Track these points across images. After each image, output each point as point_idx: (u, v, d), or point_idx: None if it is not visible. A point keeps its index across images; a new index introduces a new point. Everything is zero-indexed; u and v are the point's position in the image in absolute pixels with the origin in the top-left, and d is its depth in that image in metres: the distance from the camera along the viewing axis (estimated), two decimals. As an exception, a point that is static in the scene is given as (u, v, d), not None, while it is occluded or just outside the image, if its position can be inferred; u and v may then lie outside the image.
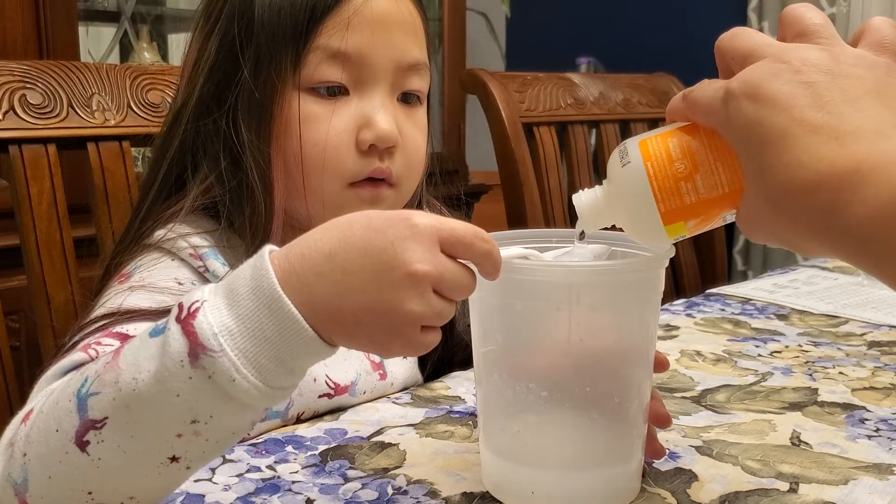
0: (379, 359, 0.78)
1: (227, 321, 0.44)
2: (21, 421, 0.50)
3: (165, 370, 0.44)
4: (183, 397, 0.44)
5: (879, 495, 0.57)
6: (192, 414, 0.45)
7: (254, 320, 0.44)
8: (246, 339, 0.44)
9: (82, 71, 0.88)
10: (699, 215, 0.49)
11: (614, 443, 0.56)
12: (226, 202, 0.70)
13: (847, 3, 2.54)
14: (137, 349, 0.46)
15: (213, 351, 0.44)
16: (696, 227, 0.50)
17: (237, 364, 0.44)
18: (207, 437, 0.46)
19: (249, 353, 0.44)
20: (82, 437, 0.46)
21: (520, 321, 0.54)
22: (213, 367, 0.44)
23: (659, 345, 0.92)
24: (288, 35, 0.68)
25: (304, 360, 0.46)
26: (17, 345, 1.13)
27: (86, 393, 0.47)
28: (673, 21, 2.92)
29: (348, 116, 0.69)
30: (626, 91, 1.49)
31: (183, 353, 0.44)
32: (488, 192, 2.26)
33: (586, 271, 0.54)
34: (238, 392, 0.44)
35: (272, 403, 0.47)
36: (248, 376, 0.44)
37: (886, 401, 0.75)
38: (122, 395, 0.45)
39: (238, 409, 0.45)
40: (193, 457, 0.47)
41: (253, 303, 0.45)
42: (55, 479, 0.47)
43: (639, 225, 0.52)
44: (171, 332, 0.45)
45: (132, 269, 0.68)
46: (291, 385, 0.47)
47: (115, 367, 0.46)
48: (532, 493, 0.55)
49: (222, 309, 0.45)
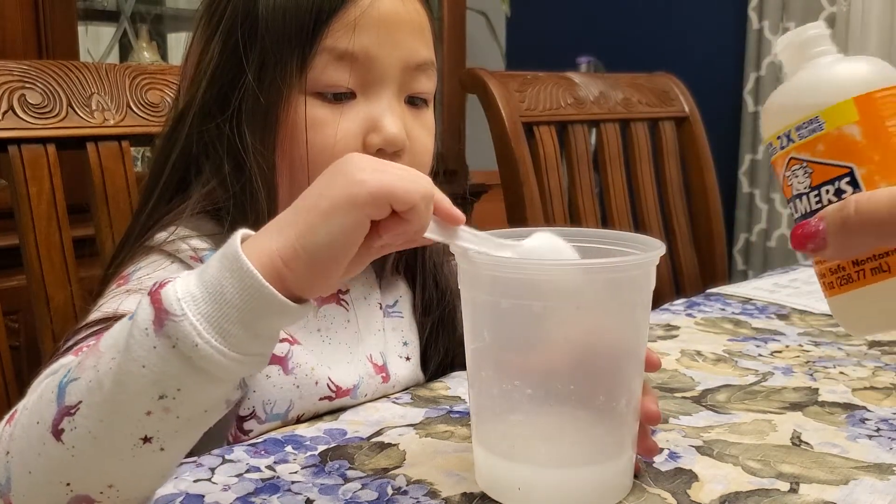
0: (382, 361, 0.78)
1: (192, 289, 0.45)
2: (6, 422, 0.50)
3: (132, 339, 0.45)
4: (149, 368, 0.44)
5: (880, 495, 0.57)
6: (160, 388, 0.45)
7: (216, 284, 0.45)
8: (208, 304, 0.45)
9: (82, 71, 0.88)
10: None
11: (602, 440, 0.56)
12: (229, 207, 0.69)
13: (847, 3, 2.54)
14: (117, 331, 0.47)
15: (175, 315, 0.44)
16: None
17: (199, 328, 0.44)
18: (178, 413, 0.46)
19: (212, 317, 0.44)
20: (58, 425, 0.46)
21: (506, 319, 0.55)
22: (175, 333, 0.44)
23: (659, 344, 0.92)
24: (293, 38, 0.67)
25: (268, 322, 0.46)
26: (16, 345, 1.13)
27: (66, 381, 0.47)
28: (673, 21, 2.92)
29: (355, 120, 0.68)
30: (627, 91, 1.49)
31: (148, 320, 0.45)
32: (488, 191, 2.26)
33: (573, 269, 0.54)
34: (202, 359, 0.44)
35: (240, 373, 0.47)
36: (211, 340, 0.44)
37: (887, 401, 0.75)
38: (98, 375, 0.46)
39: (206, 381, 0.45)
40: (166, 436, 0.47)
41: (217, 269, 0.46)
42: (35, 474, 0.48)
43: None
44: (142, 304, 0.46)
45: (131, 271, 0.68)
46: (258, 353, 0.47)
47: (95, 351, 0.47)
48: (519, 490, 0.55)
49: (191, 279, 0.46)
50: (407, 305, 0.82)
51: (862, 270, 0.45)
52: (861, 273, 0.45)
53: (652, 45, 2.92)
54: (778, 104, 0.48)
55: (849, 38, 2.53)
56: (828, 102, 0.44)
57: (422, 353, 0.82)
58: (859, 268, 0.45)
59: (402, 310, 0.82)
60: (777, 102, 0.48)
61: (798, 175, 0.46)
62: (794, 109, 0.45)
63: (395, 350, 0.79)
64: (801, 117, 0.45)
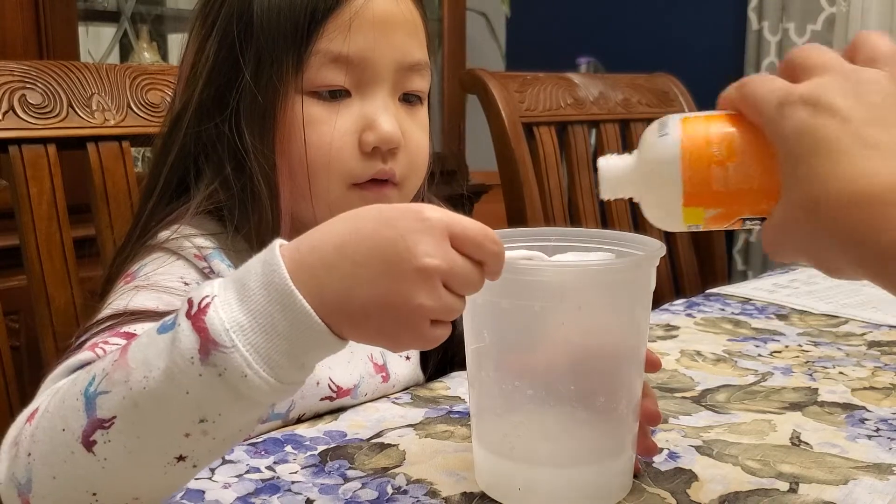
0: (382, 361, 0.78)
1: (239, 316, 0.44)
2: (26, 420, 0.50)
3: (175, 367, 0.44)
4: (192, 395, 0.44)
5: (879, 495, 0.57)
6: (201, 412, 0.44)
7: (265, 315, 0.44)
8: (257, 335, 0.44)
9: (82, 71, 0.88)
10: (721, 206, 0.49)
11: (602, 440, 0.56)
12: (231, 207, 0.69)
13: (847, 3, 2.54)
14: (146, 346, 0.46)
15: (224, 347, 0.43)
16: (713, 222, 0.50)
17: (249, 360, 0.43)
18: (215, 435, 0.46)
19: (261, 348, 0.44)
20: (89, 436, 0.46)
21: (506, 319, 0.55)
22: (224, 364, 0.43)
23: (659, 345, 0.92)
24: (288, 38, 0.67)
25: (314, 355, 0.46)
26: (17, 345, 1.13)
27: (94, 392, 0.46)
28: (673, 21, 2.92)
29: (351, 119, 0.69)
30: (626, 91, 1.49)
31: (193, 349, 0.44)
32: (488, 191, 2.26)
33: (573, 270, 0.54)
34: (249, 388, 0.44)
35: (280, 399, 0.46)
36: (260, 371, 0.44)
37: (886, 401, 0.75)
38: (132, 393, 0.45)
39: (247, 407, 0.45)
40: (200, 456, 0.47)
41: (264, 297, 0.44)
42: (59, 480, 0.47)
43: (658, 201, 0.51)
44: (182, 328, 0.44)
45: (137, 268, 0.68)
46: (301, 381, 0.47)
47: (124, 364, 0.46)
48: (519, 490, 0.55)
49: (233, 304, 0.44)
50: (407, 305, 0.82)
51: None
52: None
53: (652, 45, 2.92)
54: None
55: (848, 38, 2.52)
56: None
57: (422, 351, 0.82)
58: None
59: (403, 309, 0.81)
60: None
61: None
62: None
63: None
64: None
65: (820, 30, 2.61)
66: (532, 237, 0.60)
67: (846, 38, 2.53)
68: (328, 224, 0.47)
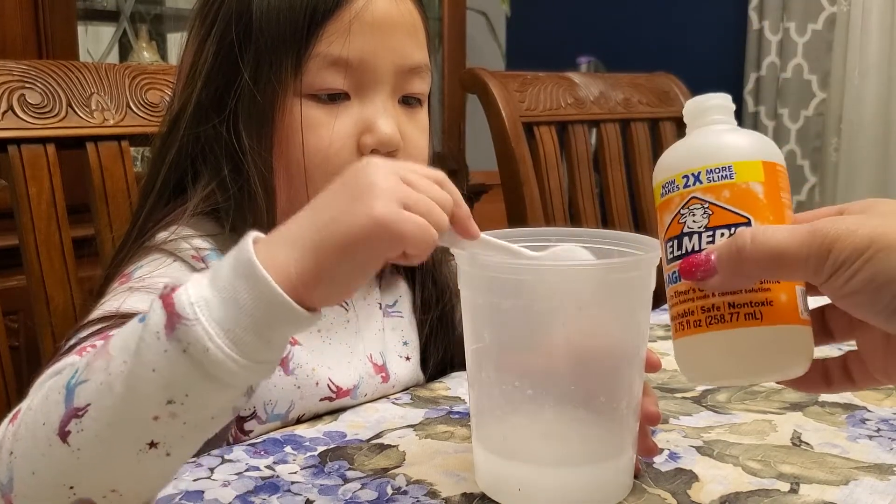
0: (382, 361, 0.78)
1: (206, 292, 0.45)
2: (9, 421, 0.50)
3: (143, 343, 0.45)
4: (159, 372, 0.44)
5: (880, 496, 0.57)
6: (169, 393, 0.45)
7: (229, 290, 0.45)
8: (221, 310, 0.44)
9: (81, 70, 0.88)
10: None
11: (602, 440, 0.56)
12: (228, 209, 0.69)
13: (848, 2, 2.54)
14: (126, 333, 0.47)
15: (187, 319, 0.44)
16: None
17: (211, 333, 0.44)
18: (185, 419, 0.46)
19: (224, 322, 0.44)
20: (65, 426, 0.46)
21: (506, 320, 0.55)
22: (187, 337, 0.44)
23: (659, 345, 0.92)
24: (288, 40, 0.67)
25: (280, 330, 0.46)
26: (16, 345, 1.13)
27: (75, 383, 0.47)
28: (673, 20, 2.92)
29: (350, 121, 0.69)
30: (627, 90, 1.49)
31: (160, 324, 0.44)
32: (488, 191, 2.26)
33: (573, 271, 0.54)
34: (213, 365, 0.44)
35: (249, 380, 0.46)
36: (223, 346, 0.44)
37: (887, 401, 0.75)
38: (109, 378, 0.45)
39: (214, 387, 0.45)
40: (172, 442, 0.47)
41: (231, 273, 0.46)
42: (38, 475, 0.47)
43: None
44: (153, 307, 0.45)
45: (133, 269, 0.68)
46: (270, 360, 0.47)
47: (105, 353, 0.47)
48: (519, 490, 0.55)
49: (203, 283, 0.46)
50: (407, 305, 0.82)
51: (737, 313, 0.47)
52: (735, 315, 0.47)
53: (652, 45, 2.92)
54: (692, 146, 0.51)
55: (849, 38, 2.53)
56: (741, 157, 0.48)
57: (421, 351, 0.82)
58: (734, 310, 0.47)
59: (402, 309, 0.82)
60: (692, 145, 0.51)
61: (696, 214, 0.48)
62: (709, 155, 0.49)
63: (394, 350, 0.79)
64: (716, 163, 0.48)
65: (821, 29, 2.61)
66: (532, 237, 0.60)
67: (846, 39, 2.53)
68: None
